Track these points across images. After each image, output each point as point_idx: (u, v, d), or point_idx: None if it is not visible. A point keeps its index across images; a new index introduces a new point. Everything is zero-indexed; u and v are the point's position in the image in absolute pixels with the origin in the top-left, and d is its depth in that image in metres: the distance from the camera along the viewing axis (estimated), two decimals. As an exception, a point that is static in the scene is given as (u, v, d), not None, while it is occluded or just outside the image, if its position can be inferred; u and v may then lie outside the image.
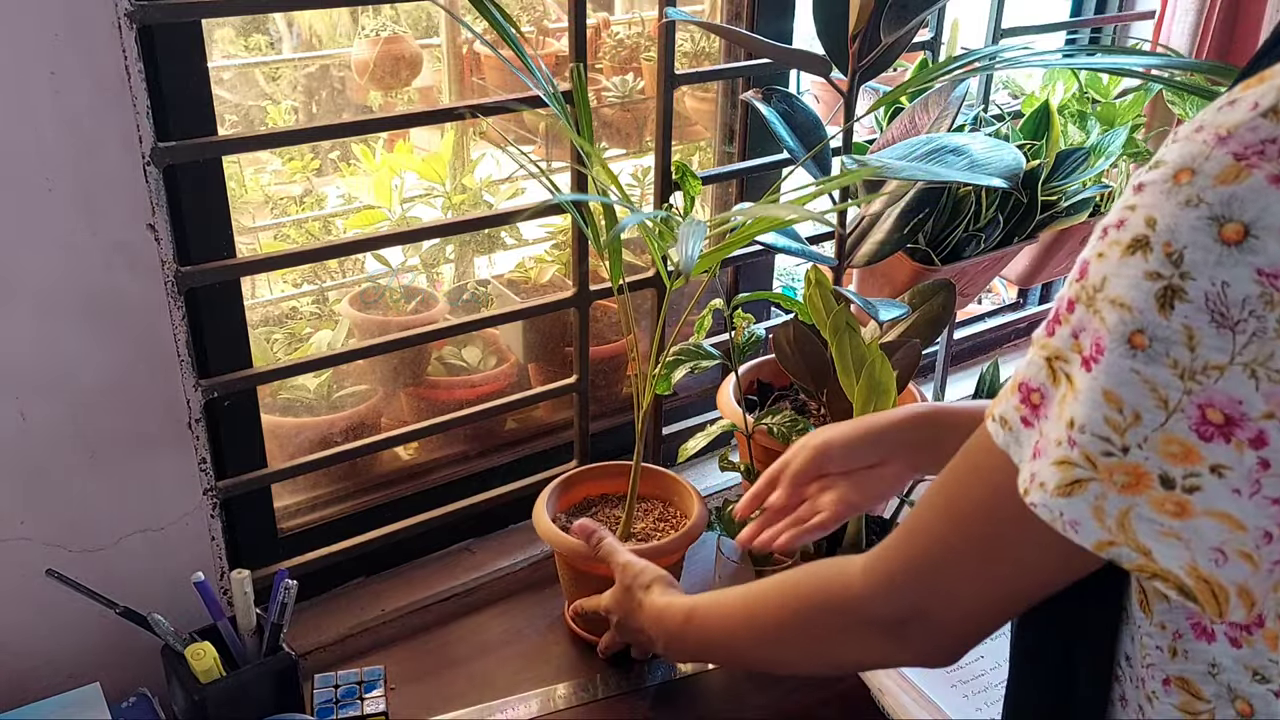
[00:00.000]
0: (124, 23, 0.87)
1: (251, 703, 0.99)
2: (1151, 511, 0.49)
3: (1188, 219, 0.47)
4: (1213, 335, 0.47)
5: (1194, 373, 0.47)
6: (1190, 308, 0.47)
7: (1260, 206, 0.45)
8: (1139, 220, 0.49)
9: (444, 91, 1.73)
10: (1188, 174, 0.47)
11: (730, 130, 1.44)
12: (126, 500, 1.01)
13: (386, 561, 1.29)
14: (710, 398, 1.35)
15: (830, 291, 1.17)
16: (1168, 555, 0.50)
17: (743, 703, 1.11)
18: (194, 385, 1.01)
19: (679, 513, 1.22)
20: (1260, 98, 0.47)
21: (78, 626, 1.02)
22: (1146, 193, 0.49)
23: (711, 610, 0.88)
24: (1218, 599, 0.49)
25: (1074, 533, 0.52)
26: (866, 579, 0.68)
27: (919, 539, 0.64)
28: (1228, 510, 0.48)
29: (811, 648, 0.76)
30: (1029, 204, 1.40)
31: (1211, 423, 0.47)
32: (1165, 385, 0.48)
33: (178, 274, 0.97)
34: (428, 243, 1.53)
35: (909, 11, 1.09)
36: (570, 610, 1.18)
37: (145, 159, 0.91)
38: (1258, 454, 0.47)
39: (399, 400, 1.45)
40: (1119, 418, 0.49)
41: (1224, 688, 0.57)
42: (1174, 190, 0.48)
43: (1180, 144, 0.49)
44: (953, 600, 0.63)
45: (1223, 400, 0.47)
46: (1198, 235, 0.46)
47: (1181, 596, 0.50)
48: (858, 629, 0.69)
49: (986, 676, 1.09)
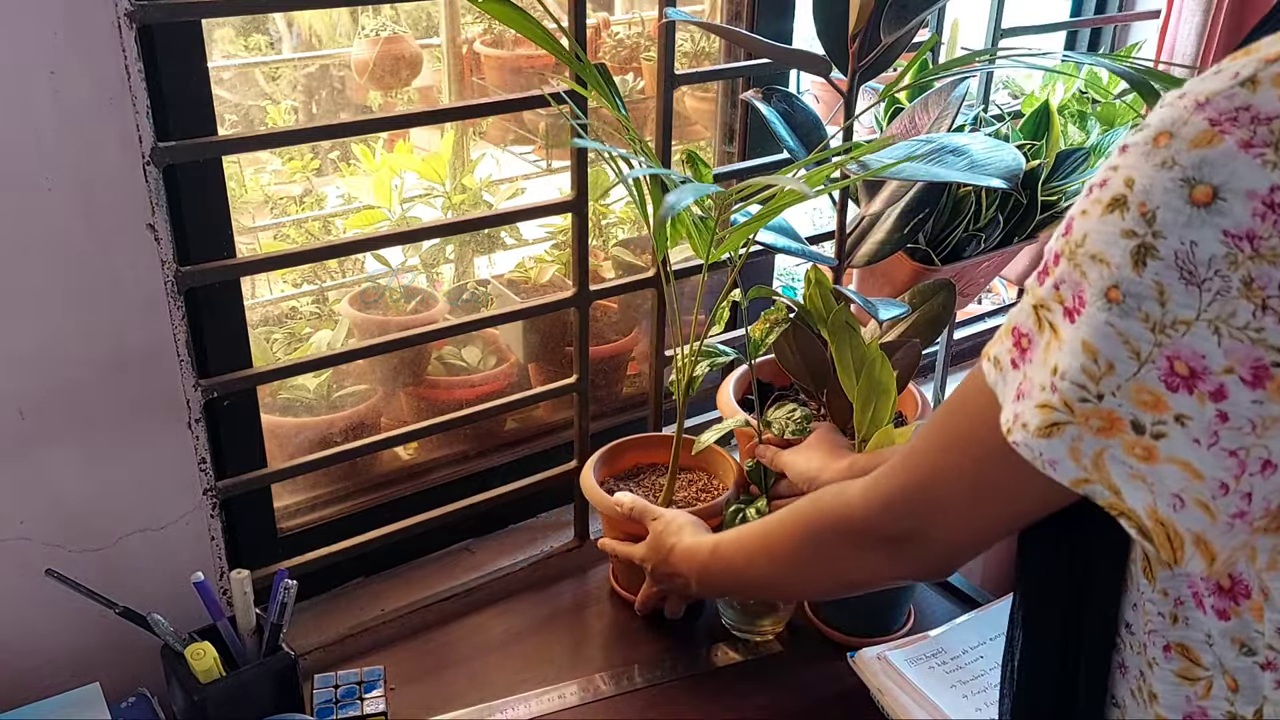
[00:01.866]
0: (124, 23, 0.87)
1: (251, 703, 0.99)
2: (1123, 454, 0.52)
3: (1162, 180, 0.49)
4: (1181, 291, 0.49)
5: (1164, 326, 0.50)
6: (1161, 265, 0.49)
7: (1229, 171, 0.47)
8: (1119, 180, 0.51)
9: (444, 91, 1.73)
10: (1166, 137, 0.49)
11: (730, 130, 1.44)
12: (126, 500, 1.01)
13: (386, 561, 1.29)
14: (710, 397, 1.35)
15: (830, 291, 1.17)
16: (1134, 496, 0.53)
17: (743, 702, 1.11)
18: (194, 385, 1.01)
19: (720, 484, 1.26)
20: (1241, 68, 0.49)
21: (78, 626, 1.02)
22: (1129, 154, 0.51)
23: (733, 543, 0.96)
24: (1172, 544, 0.53)
25: (1052, 470, 0.55)
26: (865, 501, 0.73)
27: (913, 465, 0.69)
28: (1188, 459, 0.51)
29: (822, 567, 0.83)
30: (1029, 204, 1.40)
31: (1178, 374, 0.50)
32: (1138, 338, 0.50)
33: (178, 274, 0.97)
34: (428, 243, 1.53)
35: (909, 11, 1.09)
36: (600, 545, 1.23)
37: (145, 159, 0.91)
38: (1216, 406, 0.49)
39: (399, 400, 1.45)
40: (1095, 367, 0.52)
41: (1217, 659, 0.59)
42: (1152, 152, 0.50)
43: (1164, 109, 0.51)
44: (943, 522, 0.68)
45: (1188, 354, 0.49)
46: (1170, 196, 0.49)
47: (1141, 537, 0.53)
48: (861, 546, 0.75)
49: (986, 677, 1.09)
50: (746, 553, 0.93)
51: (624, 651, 1.17)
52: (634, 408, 1.53)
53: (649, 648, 1.18)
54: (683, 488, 1.26)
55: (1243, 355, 0.48)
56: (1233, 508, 0.51)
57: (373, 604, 1.24)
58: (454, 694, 1.11)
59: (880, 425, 1.10)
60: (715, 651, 1.17)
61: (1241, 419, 0.49)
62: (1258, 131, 0.47)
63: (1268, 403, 0.49)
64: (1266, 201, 0.47)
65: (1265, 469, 0.50)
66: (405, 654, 1.17)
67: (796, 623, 1.21)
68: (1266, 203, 0.47)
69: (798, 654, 1.18)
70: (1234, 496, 0.51)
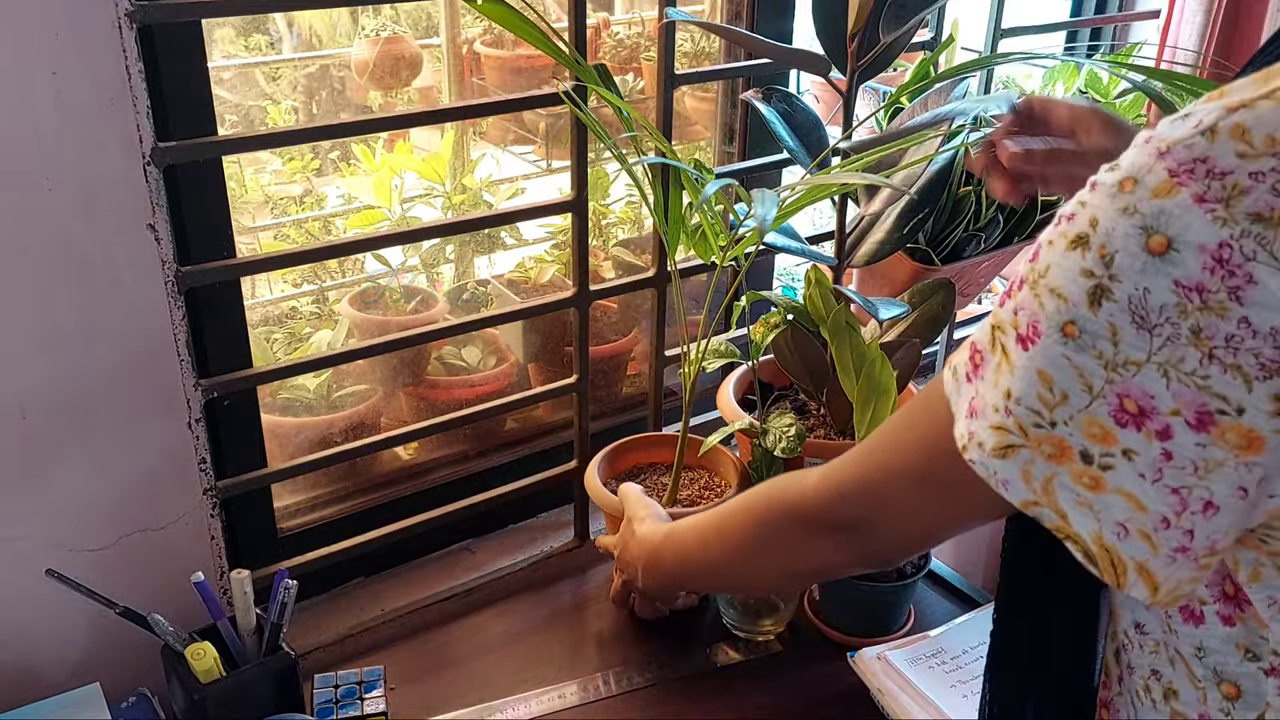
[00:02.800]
0: (124, 23, 0.87)
1: (251, 703, 0.99)
2: (1071, 481, 0.54)
3: (1123, 226, 0.51)
4: (1133, 335, 0.51)
5: (1116, 365, 0.51)
6: (1115, 307, 0.51)
7: (1184, 224, 0.49)
8: (1085, 218, 0.52)
9: (444, 91, 1.73)
10: (1131, 183, 0.51)
11: (730, 130, 1.44)
12: (126, 500, 1.01)
13: (386, 561, 1.29)
14: (709, 397, 1.35)
15: (830, 291, 1.17)
16: (1080, 522, 0.55)
17: (743, 702, 1.11)
18: (194, 385, 1.01)
19: (723, 482, 1.26)
20: (1205, 115, 0.50)
21: (78, 626, 1.02)
22: (1098, 193, 0.52)
23: (688, 527, 0.96)
24: (1115, 570, 0.55)
25: (1004, 490, 0.57)
26: (819, 488, 0.75)
27: (869, 459, 0.71)
28: (1133, 491, 0.53)
29: (773, 554, 0.83)
30: (1029, 204, 1.40)
31: (1127, 411, 0.52)
32: (1091, 373, 0.52)
33: (178, 274, 0.97)
34: (428, 243, 1.53)
35: (908, 11, 1.10)
36: (598, 543, 1.22)
37: (145, 159, 0.92)
38: (1162, 445, 0.51)
39: (399, 400, 1.45)
40: (1049, 395, 0.54)
41: (1210, 670, 0.60)
42: (1117, 196, 0.51)
43: (1134, 150, 0.52)
44: (892, 515, 0.71)
45: (1138, 393, 0.51)
46: (1128, 242, 0.50)
47: (1087, 561, 0.55)
48: (811, 532, 0.77)
49: (986, 676, 1.09)
50: (700, 535, 0.93)
51: (624, 651, 1.17)
52: (634, 408, 1.53)
53: (649, 648, 1.18)
54: (685, 486, 1.26)
55: (1189, 400, 0.50)
56: (1174, 542, 0.53)
57: (373, 604, 1.24)
58: (454, 694, 1.11)
59: (880, 425, 1.10)
60: (715, 651, 1.18)
61: (1185, 460, 0.51)
62: (1211, 186, 0.48)
63: (1210, 446, 0.50)
64: (1215, 256, 0.48)
65: (1207, 509, 0.52)
66: (405, 654, 1.17)
67: (797, 623, 1.21)
68: (1215, 257, 0.48)
69: (798, 654, 1.18)
70: (1175, 531, 0.53)
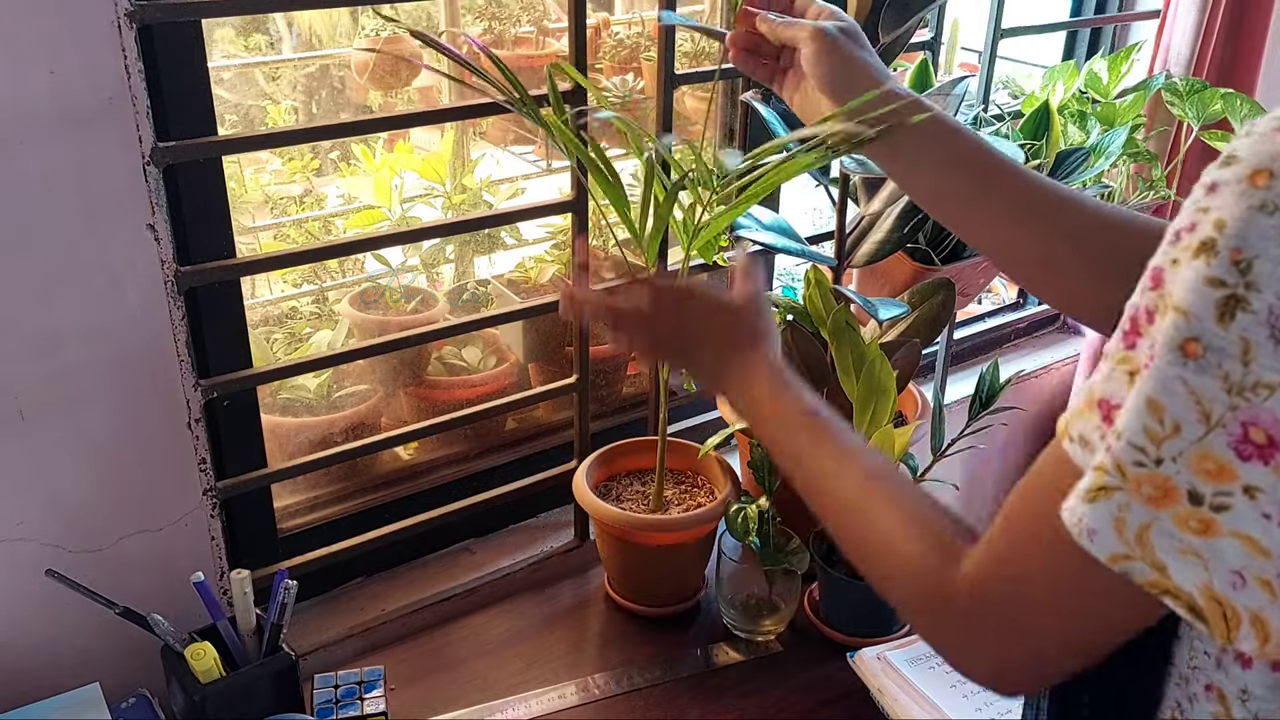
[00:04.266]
0: (124, 23, 0.87)
1: (251, 703, 0.99)
2: (1174, 527, 0.47)
3: (1260, 225, 0.44)
4: (1269, 352, 0.44)
5: (1243, 389, 0.45)
6: (1251, 320, 0.44)
7: None
8: (1209, 223, 0.45)
9: (444, 91, 1.73)
10: (1265, 176, 0.44)
11: (730, 130, 1.44)
12: (126, 500, 1.01)
13: (386, 561, 1.29)
14: (710, 398, 1.35)
15: (830, 291, 1.17)
16: (1183, 573, 0.48)
17: (743, 702, 1.11)
18: (194, 385, 1.01)
19: (712, 486, 1.26)
20: None
21: (78, 626, 1.02)
22: (1219, 193, 0.46)
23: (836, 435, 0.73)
24: (1228, 622, 0.47)
25: (1089, 541, 0.49)
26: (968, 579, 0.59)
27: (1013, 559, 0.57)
28: (1253, 534, 0.46)
29: (880, 561, 0.66)
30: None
31: (1253, 442, 0.45)
32: (1211, 399, 0.45)
33: (178, 274, 0.97)
34: (428, 243, 1.53)
35: (907, 10, 1.09)
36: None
37: (145, 159, 0.91)
38: None
39: (399, 400, 1.45)
40: (1158, 428, 0.47)
41: (1251, 716, 0.55)
42: (1248, 192, 0.44)
43: (1257, 139, 0.45)
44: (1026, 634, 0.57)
45: (1269, 420, 0.44)
46: (1269, 245, 0.43)
47: (1191, 615, 0.48)
48: (930, 605, 0.62)
49: (986, 676, 1.09)
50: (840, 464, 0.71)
51: (624, 651, 1.17)
52: (634, 408, 1.53)
53: (649, 648, 1.18)
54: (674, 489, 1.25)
55: None
56: None
57: (373, 604, 1.24)
58: (454, 694, 1.11)
59: (880, 426, 1.10)
60: (715, 651, 1.17)
61: None
62: None
63: None
64: None
65: None
66: (405, 654, 1.17)
67: (797, 623, 1.21)
68: None
69: (798, 654, 1.18)
70: None
